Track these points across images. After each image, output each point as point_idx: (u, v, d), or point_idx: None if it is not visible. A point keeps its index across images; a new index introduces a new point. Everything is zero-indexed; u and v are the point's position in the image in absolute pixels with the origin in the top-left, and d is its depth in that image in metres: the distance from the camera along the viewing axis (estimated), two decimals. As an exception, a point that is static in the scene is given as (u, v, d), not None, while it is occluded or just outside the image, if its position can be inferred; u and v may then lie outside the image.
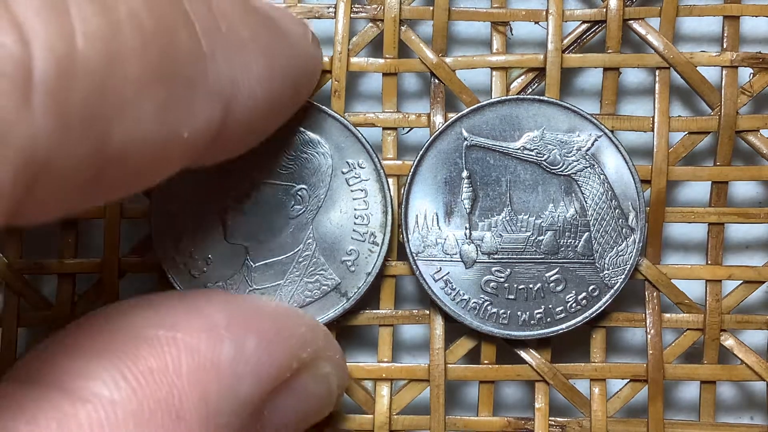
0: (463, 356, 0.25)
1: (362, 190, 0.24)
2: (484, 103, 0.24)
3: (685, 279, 0.25)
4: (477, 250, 0.24)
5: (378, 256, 0.24)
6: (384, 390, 0.25)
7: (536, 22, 0.25)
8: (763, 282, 0.25)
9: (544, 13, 0.25)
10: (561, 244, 0.24)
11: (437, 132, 0.24)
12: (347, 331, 0.26)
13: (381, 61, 0.25)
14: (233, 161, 0.20)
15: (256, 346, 0.18)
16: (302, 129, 0.24)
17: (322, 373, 0.20)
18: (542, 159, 0.24)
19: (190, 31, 0.15)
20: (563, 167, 0.24)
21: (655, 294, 0.25)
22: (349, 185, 0.24)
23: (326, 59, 0.25)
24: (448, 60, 0.25)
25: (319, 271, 0.24)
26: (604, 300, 0.24)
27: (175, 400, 0.16)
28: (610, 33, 0.25)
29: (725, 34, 0.25)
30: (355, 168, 0.24)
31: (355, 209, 0.24)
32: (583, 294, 0.24)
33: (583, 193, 0.24)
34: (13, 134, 0.12)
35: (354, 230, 0.24)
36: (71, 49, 0.13)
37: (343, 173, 0.24)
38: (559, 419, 0.25)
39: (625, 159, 0.24)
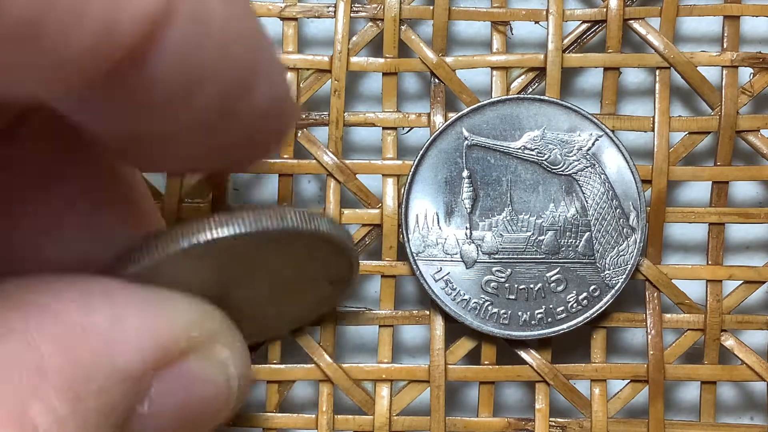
0: (463, 357, 0.25)
1: None
2: (485, 102, 0.24)
3: (685, 279, 0.25)
4: (477, 250, 0.24)
5: None
6: (384, 391, 0.25)
7: (536, 22, 0.25)
8: (764, 282, 0.25)
9: (545, 12, 0.25)
10: (562, 244, 0.24)
11: (437, 132, 0.24)
12: (347, 331, 0.26)
13: (381, 60, 0.25)
14: None
15: (135, 319, 0.17)
16: None
17: (219, 359, 0.19)
18: (543, 158, 0.24)
19: None
20: (564, 167, 0.24)
21: (655, 294, 0.25)
22: None
23: (326, 59, 0.25)
24: (448, 60, 0.25)
25: None
26: (605, 300, 0.24)
27: (38, 358, 0.15)
28: (611, 33, 0.25)
29: (725, 34, 0.25)
30: None
31: None
32: (584, 294, 0.24)
33: (584, 193, 0.24)
34: None
35: None
36: None
37: None
38: (559, 420, 0.25)
39: (625, 159, 0.24)
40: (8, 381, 0.15)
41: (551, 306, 0.24)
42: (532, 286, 0.24)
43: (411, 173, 0.24)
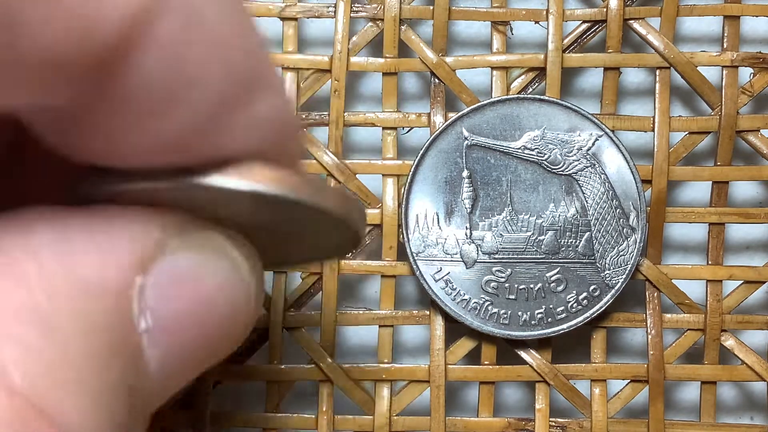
0: (463, 357, 0.25)
1: None
2: (485, 102, 0.24)
3: (685, 279, 0.25)
4: (477, 250, 0.24)
5: None
6: (384, 391, 0.25)
7: (536, 22, 0.25)
8: (764, 282, 0.25)
9: (545, 12, 0.25)
10: (562, 243, 0.24)
11: (437, 132, 0.24)
12: (347, 331, 0.26)
13: (381, 60, 0.25)
14: None
15: (82, 226, 0.14)
16: None
17: (214, 245, 0.16)
18: (543, 158, 0.24)
19: None
20: (564, 167, 0.24)
21: (655, 294, 0.25)
22: None
23: (326, 59, 0.25)
24: (448, 60, 0.25)
25: None
26: (605, 300, 0.24)
27: None
28: (611, 33, 0.25)
29: (725, 34, 0.25)
30: None
31: None
32: (584, 294, 0.24)
33: (584, 193, 0.24)
34: None
35: None
36: None
37: None
38: (559, 420, 0.25)
39: (626, 159, 0.24)
40: None
41: (551, 306, 0.24)
42: (532, 286, 0.24)
43: (411, 173, 0.24)
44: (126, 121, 0.13)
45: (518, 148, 0.24)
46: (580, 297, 0.24)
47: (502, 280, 0.24)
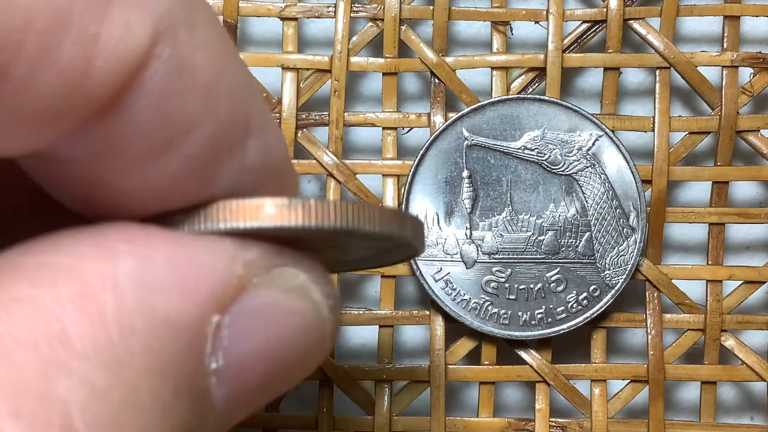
0: (463, 357, 0.25)
1: None
2: (485, 102, 0.24)
3: (685, 279, 0.25)
4: (477, 250, 0.24)
5: None
6: (384, 391, 0.25)
7: (536, 22, 0.25)
8: (764, 282, 0.25)
9: (545, 12, 0.25)
10: (562, 244, 0.24)
11: (437, 132, 0.24)
12: (347, 331, 0.25)
13: (381, 60, 0.25)
14: None
15: (168, 257, 0.13)
16: None
17: (294, 284, 0.15)
18: (543, 158, 0.24)
19: None
20: (564, 167, 0.24)
21: (655, 294, 0.25)
22: None
23: (326, 59, 0.25)
24: (448, 60, 0.25)
25: None
26: (605, 300, 0.24)
27: (55, 325, 0.12)
28: (611, 33, 0.25)
29: (725, 34, 0.25)
30: None
31: None
32: (584, 294, 0.24)
33: (584, 193, 0.24)
34: None
35: None
36: None
37: None
38: (559, 420, 0.25)
39: (626, 159, 0.24)
40: (22, 359, 0.12)
41: (551, 306, 0.24)
42: (532, 286, 0.24)
43: (411, 173, 0.24)
44: (119, 167, 0.13)
45: (518, 148, 0.24)
46: (580, 297, 0.24)
47: (502, 280, 0.24)
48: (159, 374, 0.13)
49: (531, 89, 0.25)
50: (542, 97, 0.24)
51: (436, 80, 0.25)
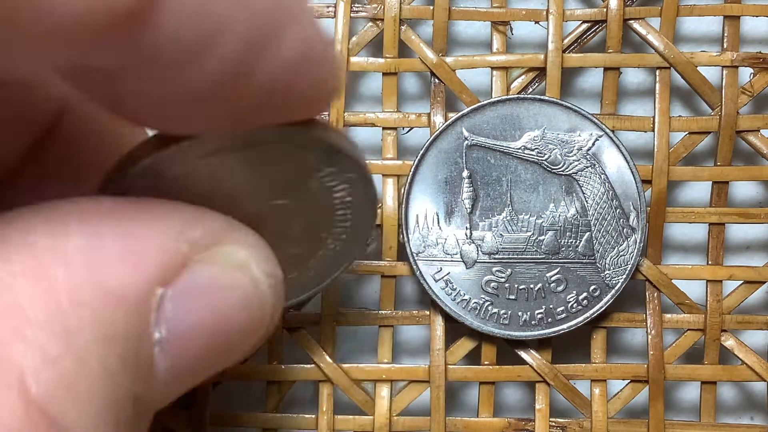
0: (463, 357, 0.25)
1: None
2: (485, 102, 0.24)
3: (685, 279, 0.25)
4: (477, 250, 0.24)
5: None
6: (384, 391, 0.25)
7: (536, 22, 0.25)
8: (764, 282, 0.25)
9: (545, 12, 0.25)
10: (562, 244, 0.24)
11: (437, 132, 0.24)
12: (347, 331, 0.25)
13: (381, 60, 0.25)
14: None
15: (116, 233, 0.14)
16: None
17: (235, 260, 0.16)
18: (543, 158, 0.24)
19: None
20: (564, 167, 0.24)
21: (655, 294, 0.25)
22: None
23: (326, 59, 0.25)
24: (448, 60, 0.25)
25: None
26: (605, 300, 0.24)
27: (10, 296, 0.13)
28: (611, 33, 0.25)
29: (725, 34, 0.25)
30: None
31: None
32: (584, 294, 0.24)
33: (584, 193, 0.24)
34: None
35: None
36: None
37: None
38: (559, 420, 0.25)
39: (626, 159, 0.24)
40: None
41: (551, 306, 0.24)
42: (532, 286, 0.24)
43: (411, 173, 0.24)
44: (158, 74, 0.13)
45: (518, 148, 0.24)
46: (580, 297, 0.24)
47: (502, 280, 0.24)
48: (106, 343, 0.14)
49: (531, 89, 0.25)
50: (542, 97, 0.24)
51: (436, 80, 0.25)
